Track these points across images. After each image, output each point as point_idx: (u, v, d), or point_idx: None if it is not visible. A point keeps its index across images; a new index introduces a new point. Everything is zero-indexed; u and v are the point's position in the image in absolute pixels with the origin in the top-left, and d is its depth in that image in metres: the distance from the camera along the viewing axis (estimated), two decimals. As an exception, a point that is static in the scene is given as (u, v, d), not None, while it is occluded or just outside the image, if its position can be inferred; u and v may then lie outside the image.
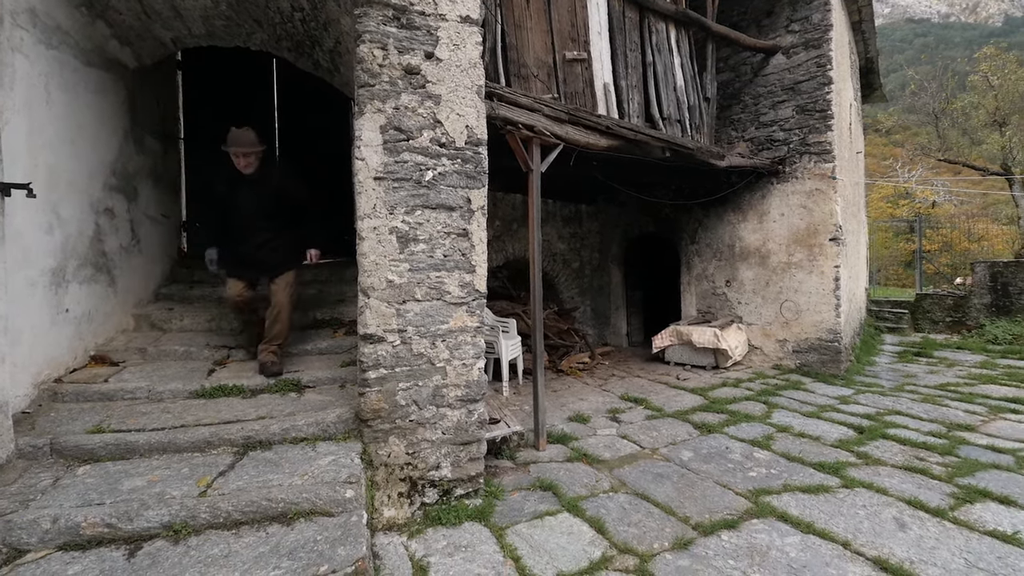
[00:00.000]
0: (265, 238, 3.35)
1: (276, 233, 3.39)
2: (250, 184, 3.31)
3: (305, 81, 5.68)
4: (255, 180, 3.32)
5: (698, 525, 2.67)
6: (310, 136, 6.48)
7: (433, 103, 2.90)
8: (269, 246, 3.35)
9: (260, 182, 3.33)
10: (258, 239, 3.33)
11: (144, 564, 1.87)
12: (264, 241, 3.34)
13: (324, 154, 6.09)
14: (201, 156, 5.98)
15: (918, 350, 7.59)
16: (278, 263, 3.39)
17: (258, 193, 3.31)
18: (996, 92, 14.52)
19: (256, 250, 3.34)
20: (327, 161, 6.16)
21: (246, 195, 3.30)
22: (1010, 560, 2.31)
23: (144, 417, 2.76)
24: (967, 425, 4.19)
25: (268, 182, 3.36)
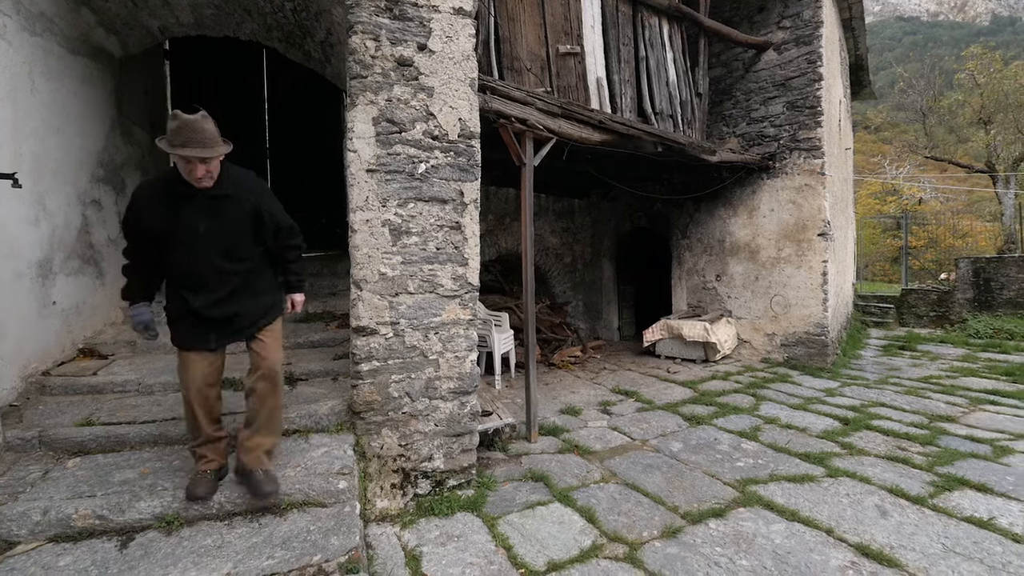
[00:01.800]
0: (236, 284, 2.14)
1: (253, 275, 2.20)
2: (208, 205, 2.04)
3: (296, 73, 5.63)
4: (216, 198, 2.05)
5: (687, 514, 2.72)
6: (302, 128, 6.43)
7: (426, 95, 2.90)
8: (246, 292, 2.18)
9: (224, 201, 2.07)
10: (226, 285, 2.11)
11: (137, 555, 1.88)
12: (236, 288, 2.14)
13: (315, 146, 6.05)
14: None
15: (902, 344, 7.74)
16: (262, 313, 2.22)
17: (222, 218, 2.07)
18: (982, 91, 14.74)
19: (225, 302, 2.11)
20: (319, 153, 6.12)
21: (201, 221, 2.04)
22: (985, 544, 2.39)
23: (135, 410, 2.74)
24: (948, 416, 4.30)
25: (238, 202, 2.11)
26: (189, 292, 2.08)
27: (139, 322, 2.13)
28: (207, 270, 2.08)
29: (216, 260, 2.08)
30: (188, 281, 2.09)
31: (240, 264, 2.16)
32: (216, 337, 2.13)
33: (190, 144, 1.90)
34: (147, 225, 2.02)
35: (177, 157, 1.92)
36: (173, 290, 2.11)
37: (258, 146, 6.63)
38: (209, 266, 2.08)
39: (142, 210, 2.03)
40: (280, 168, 6.58)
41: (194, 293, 2.08)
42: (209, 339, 2.12)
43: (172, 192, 2.01)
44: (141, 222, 2.04)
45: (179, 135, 1.89)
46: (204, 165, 1.96)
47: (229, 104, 6.44)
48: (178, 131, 1.89)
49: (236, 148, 2.09)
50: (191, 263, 2.07)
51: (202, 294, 2.08)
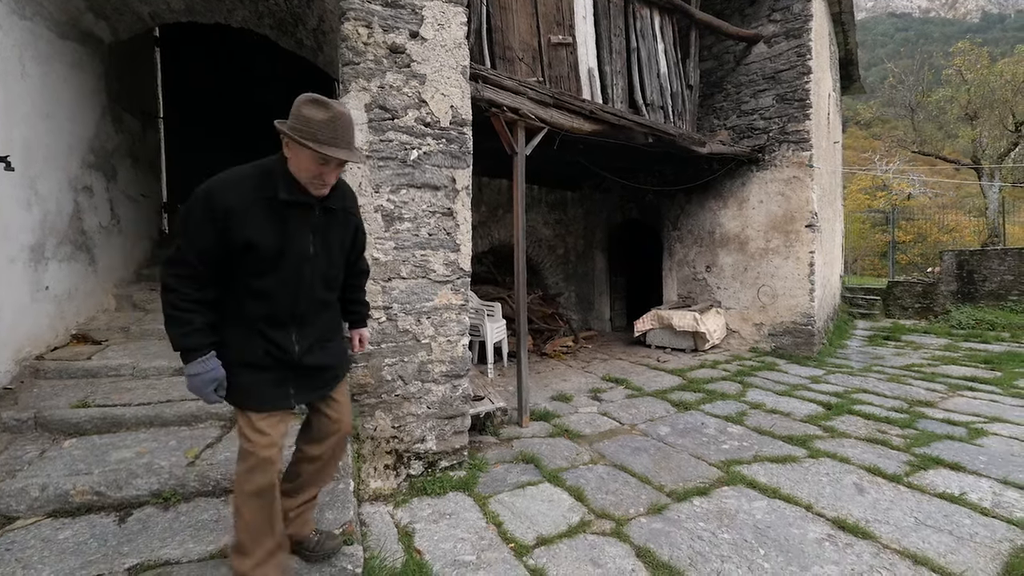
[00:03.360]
0: (325, 321, 1.70)
1: (336, 311, 1.81)
2: (321, 219, 1.61)
3: (289, 61, 5.61)
4: (328, 211, 1.63)
5: (672, 492, 2.81)
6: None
7: (418, 82, 2.93)
8: (334, 333, 1.76)
9: (333, 216, 1.65)
10: (321, 324, 1.68)
11: (135, 528, 1.92)
12: (324, 326, 1.70)
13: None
14: (181, 135, 5.89)
15: (887, 334, 7.91)
16: (341, 361, 1.79)
17: (330, 237, 1.65)
18: (969, 87, 14.93)
19: (317, 346, 1.66)
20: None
21: (312, 240, 1.59)
22: (955, 518, 2.50)
23: (129, 393, 2.77)
24: (927, 401, 4.43)
25: (344, 216, 1.70)
26: (279, 332, 1.55)
27: (212, 379, 1.45)
28: (308, 303, 1.61)
29: (319, 290, 1.64)
30: (281, 317, 1.55)
31: (333, 295, 1.74)
32: (295, 392, 1.61)
33: (338, 143, 1.47)
34: (244, 239, 1.45)
35: (307, 156, 1.46)
36: (251, 329, 1.52)
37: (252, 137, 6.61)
38: (312, 298, 1.61)
39: (237, 218, 1.44)
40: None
41: (286, 333, 1.56)
42: (290, 395, 1.59)
43: (276, 199, 1.49)
44: (232, 234, 1.43)
45: (328, 129, 1.44)
46: (337, 170, 1.55)
47: (221, 93, 6.41)
48: (329, 124, 1.44)
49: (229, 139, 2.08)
50: (292, 293, 1.56)
51: (297, 335, 1.59)
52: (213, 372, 1.46)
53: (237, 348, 1.53)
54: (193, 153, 6.12)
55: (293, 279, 1.56)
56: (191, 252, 1.44)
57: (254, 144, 6.56)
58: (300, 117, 1.44)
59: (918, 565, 2.14)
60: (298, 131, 1.44)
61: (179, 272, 1.44)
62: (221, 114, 6.40)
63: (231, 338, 1.53)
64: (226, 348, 1.51)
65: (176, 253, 1.46)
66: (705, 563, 2.17)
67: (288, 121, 1.47)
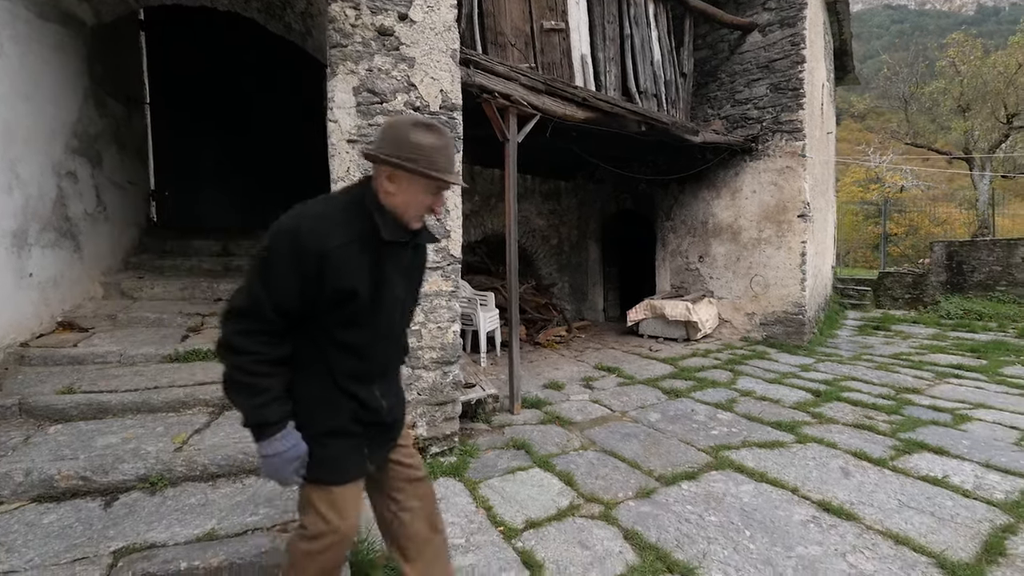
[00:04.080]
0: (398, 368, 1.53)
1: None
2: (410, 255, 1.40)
3: (277, 46, 5.51)
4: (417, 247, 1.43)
5: (661, 477, 2.83)
6: (287, 105, 6.31)
7: (407, 66, 2.88)
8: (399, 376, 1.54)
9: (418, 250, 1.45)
10: (395, 373, 1.50)
11: (121, 513, 1.91)
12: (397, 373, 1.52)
13: (303, 122, 5.94)
14: (169, 122, 5.80)
15: (877, 324, 7.98)
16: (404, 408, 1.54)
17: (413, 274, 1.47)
18: (962, 78, 14.97)
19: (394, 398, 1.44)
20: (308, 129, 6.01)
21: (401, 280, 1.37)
22: (937, 500, 2.54)
23: (116, 380, 2.75)
24: (914, 388, 4.48)
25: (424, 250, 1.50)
26: (366, 389, 1.32)
27: (295, 458, 1.21)
28: (394, 351, 1.43)
29: (403, 336, 1.47)
30: (369, 371, 1.33)
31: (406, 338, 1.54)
32: (369, 452, 1.37)
33: (452, 168, 1.29)
34: (341, 288, 1.21)
35: (422, 187, 1.26)
36: (334, 388, 1.28)
37: (242, 122, 6.52)
38: (397, 345, 1.44)
39: (334, 263, 1.19)
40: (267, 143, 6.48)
41: (371, 390, 1.34)
42: (365, 456, 1.35)
43: (375, 239, 1.26)
44: (326, 282, 1.20)
45: (444, 155, 1.26)
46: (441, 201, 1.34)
47: (209, 79, 6.30)
48: (444, 150, 1.26)
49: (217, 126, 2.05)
50: (384, 344, 1.36)
51: (381, 390, 1.37)
52: (295, 449, 1.21)
53: (319, 413, 1.27)
54: (181, 140, 6.03)
55: (386, 327, 1.34)
56: (267, 304, 1.17)
57: (243, 131, 6.50)
58: (409, 144, 1.22)
59: (899, 545, 2.17)
60: (413, 160, 1.22)
61: (250, 328, 1.17)
62: (209, 101, 6.30)
63: (309, 401, 1.26)
64: (303, 414, 1.25)
65: (246, 304, 1.17)
66: (692, 544, 2.19)
67: (385, 148, 1.24)
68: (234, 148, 6.48)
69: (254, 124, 6.48)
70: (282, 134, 6.35)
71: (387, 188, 1.26)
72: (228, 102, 6.41)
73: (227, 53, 6.24)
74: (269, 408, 1.18)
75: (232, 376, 1.18)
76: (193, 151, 6.20)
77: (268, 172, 6.48)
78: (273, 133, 6.41)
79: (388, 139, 1.24)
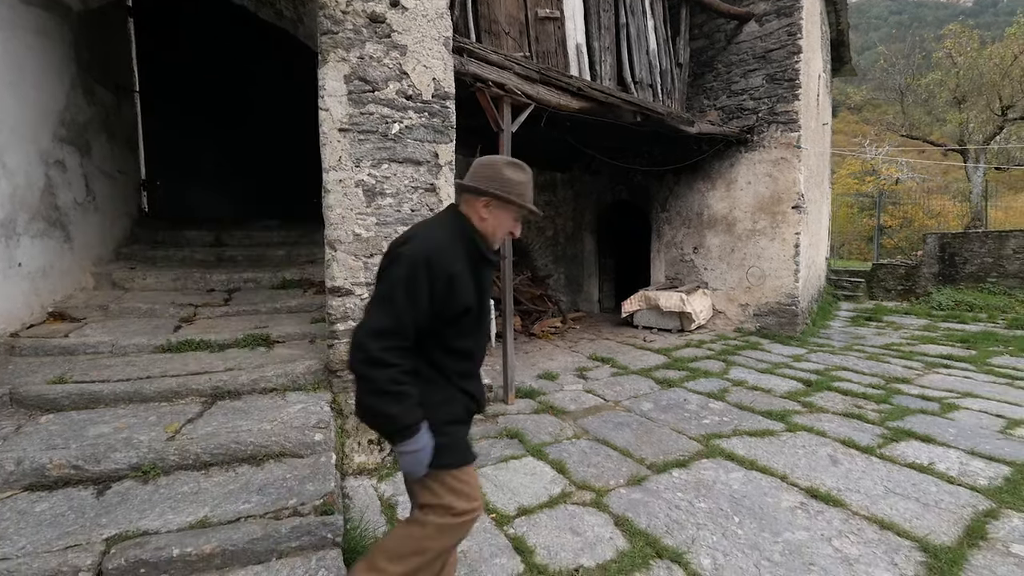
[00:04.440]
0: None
1: None
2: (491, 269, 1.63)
3: (268, 33, 5.44)
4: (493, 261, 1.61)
5: (652, 465, 2.86)
6: (280, 93, 6.24)
7: (399, 53, 2.85)
8: None
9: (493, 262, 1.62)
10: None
11: (114, 501, 1.92)
12: None
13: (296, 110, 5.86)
14: (159, 111, 5.72)
15: (869, 315, 8.05)
16: None
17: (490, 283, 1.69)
18: (958, 70, 14.94)
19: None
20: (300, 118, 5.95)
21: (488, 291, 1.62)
22: (922, 486, 2.59)
23: (108, 370, 2.74)
24: (903, 378, 4.54)
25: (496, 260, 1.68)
26: (472, 383, 1.56)
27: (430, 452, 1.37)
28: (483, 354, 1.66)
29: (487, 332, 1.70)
30: (474, 370, 1.58)
31: None
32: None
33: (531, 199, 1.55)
34: (463, 304, 1.41)
35: (512, 215, 1.51)
36: (449, 385, 1.48)
37: (234, 111, 6.44)
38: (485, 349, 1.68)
39: (459, 283, 1.39)
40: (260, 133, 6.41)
41: (477, 384, 1.58)
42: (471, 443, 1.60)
43: (473, 257, 1.48)
44: (453, 300, 1.39)
45: (529, 189, 1.52)
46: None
47: (200, 68, 6.21)
48: (529, 184, 1.52)
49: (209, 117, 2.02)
50: (482, 346, 1.62)
51: (478, 383, 1.60)
52: (430, 444, 1.37)
53: (440, 410, 1.43)
54: (172, 129, 5.96)
55: (485, 333, 1.61)
56: (408, 322, 1.33)
57: (236, 121, 6.42)
58: (505, 179, 1.46)
59: (884, 530, 2.21)
60: (508, 192, 1.46)
61: (393, 344, 1.31)
62: (200, 91, 6.21)
63: (431, 400, 1.42)
64: (428, 413, 1.39)
65: (390, 324, 1.32)
66: (681, 530, 2.22)
67: (483, 183, 1.46)
68: (226, 138, 6.41)
69: (247, 114, 6.41)
70: (275, 124, 6.29)
71: (483, 215, 1.48)
72: (220, 92, 6.33)
73: (218, 41, 6.15)
74: (413, 412, 1.33)
75: (381, 388, 1.30)
76: (185, 141, 6.13)
77: (261, 162, 6.42)
78: (266, 123, 6.35)
79: (485, 175, 1.47)
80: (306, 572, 1.68)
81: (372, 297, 1.39)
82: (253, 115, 6.40)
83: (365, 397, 1.34)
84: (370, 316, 1.34)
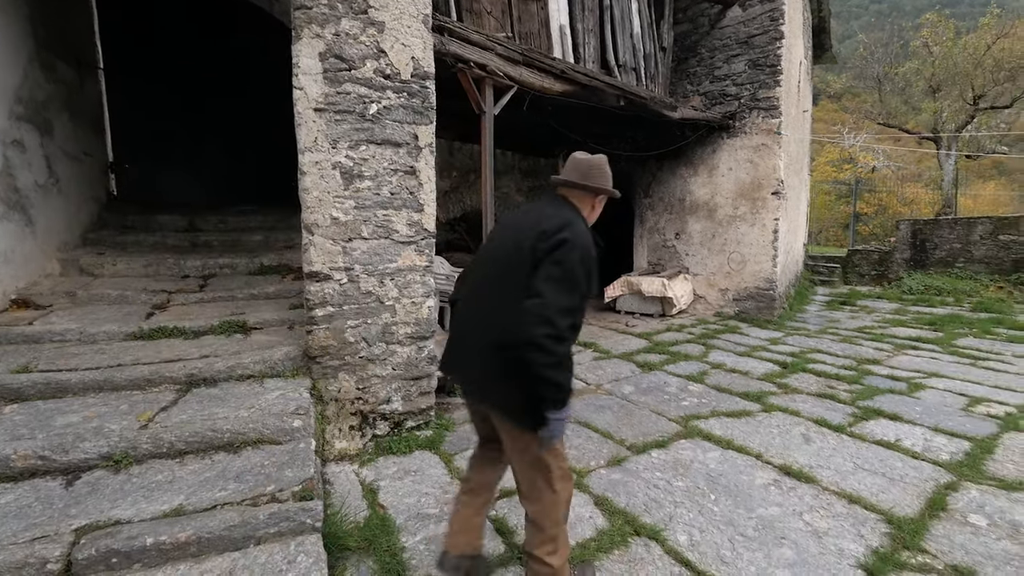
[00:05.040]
0: None
1: None
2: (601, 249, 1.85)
3: (241, 13, 5.23)
4: None
5: (632, 446, 2.91)
6: (257, 72, 6.01)
7: (376, 30, 2.77)
8: None
9: None
10: None
11: (83, 492, 1.87)
12: None
13: (267, 88, 5.67)
14: (127, 91, 5.47)
15: (844, 299, 8.27)
16: None
17: None
18: (934, 59, 15.21)
19: None
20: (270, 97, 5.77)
21: None
22: (889, 462, 2.69)
23: (76, 358, 2.65)
24: (874, 360, 4.69)
25: None
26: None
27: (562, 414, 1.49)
28: None
29: None
30: None
31: None
32: None
33: None
34: (595, 284, 1.61)
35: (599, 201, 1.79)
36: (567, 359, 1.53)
37: (208, 91, 6.20)
38: None
39: (596, 265, 1.58)
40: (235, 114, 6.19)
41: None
42: None
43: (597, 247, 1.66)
44: (591, 280, 1.56)
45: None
46: None
47: (171, 47, 5.95)
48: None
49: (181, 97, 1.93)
50: None
51: None
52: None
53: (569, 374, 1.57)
54: (142, 110, 5.72)
55: None
56: (581, 300, 1.51)
57: (209, 102, 6.18)
58: (606, 174, 1.75)
59: (852, 504, 2.30)
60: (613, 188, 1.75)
61: (574, 322, 1.48)
62: (171, 69, 5.96)
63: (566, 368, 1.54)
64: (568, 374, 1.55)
65: (573, 302, 1.46)
66: (659, 509, 2.28)
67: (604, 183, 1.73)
68: (199, 119, 6.18)
69: (221, 94, 6.18)
70: (251, 104, 6.08)
71: (595, 207, 1.77)
72: (192, 70, 6.08)
73: (190, 17, 5.89)
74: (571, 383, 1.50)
75: (560, 361, 1.43)
76: (154, 122, 5.89)
77: (236, 144, 6.22)
78: (241, 103, 6.13)
79: (602, 174, 1.74)
80: (285, 557, 1.67)
81: (546, 277, 1.46)
82: (228, 95, 6.18)
83: (543, 369, 1.40)
84: (553, 294, 1.43)
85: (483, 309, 1.65)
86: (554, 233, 1.51)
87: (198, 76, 6.10)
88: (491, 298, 1.62)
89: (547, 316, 1.40)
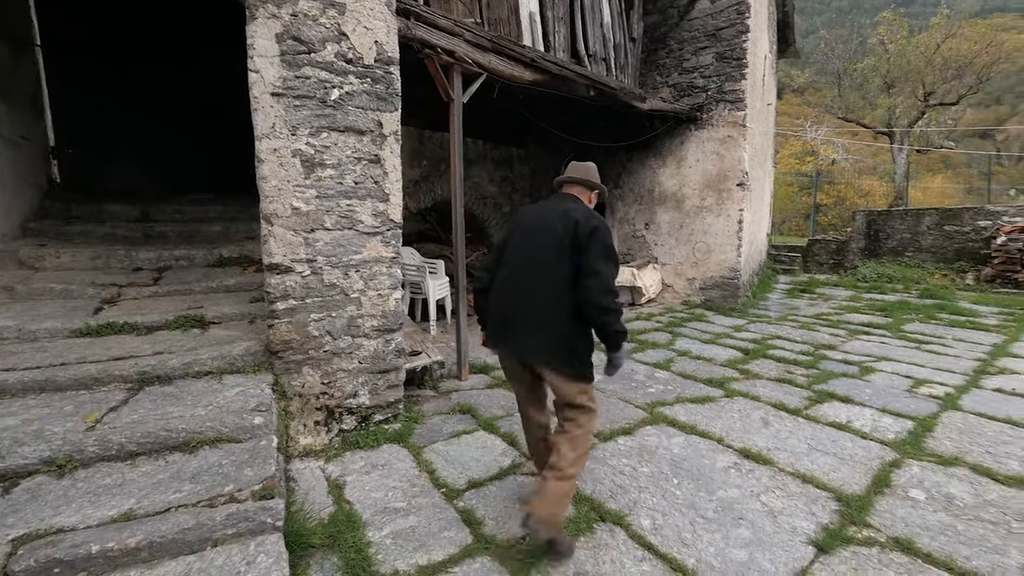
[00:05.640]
0: None
1: None
2: None
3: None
4: None
5: (599, 434, 2.96)
6: (206, 49, 5.70)
7: (337, 12, 2.66)
8: None
9: None
10: None
11: (22, 499, 1.76)
12: None
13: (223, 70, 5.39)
14: (71, 71, 5.11)
15: (803, 287, 8.62)
16: None
17: None
18: (889, 56, 15.86)
19: None
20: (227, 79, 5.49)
21: None
22: (840, 442, 2.83)
23: (14, 357, 2.48)
24: (830, 345, 4.92)
25: None
26: None
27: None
28: None
29: None
30: None
31: None
32: None
33: None
34: None
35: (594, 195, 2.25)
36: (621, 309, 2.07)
37: (158, 73, 5.85)
38: None
39: None
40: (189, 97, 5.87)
41: None
42: None
43: None
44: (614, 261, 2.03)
45: None
46: None
47: (115, 24, 5.57)
48: None
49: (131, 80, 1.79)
50: None
51: None
52: None
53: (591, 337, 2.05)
54: (85, 92, 5.35)
55: None
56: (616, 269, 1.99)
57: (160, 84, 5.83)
58: (598, 175, 2.26)
59: (806, 483, 2.41)
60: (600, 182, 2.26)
61: (619, 295, 1.98)
62: (117, 47, 5.58)
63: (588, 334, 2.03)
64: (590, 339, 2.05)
65: (615, 272, 1.95)
66: (624, 494, 2.33)
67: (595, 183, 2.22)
68: (149, 102, 5.83)
69: (174, 75, 5.84)
70: (207, 86, 5.77)
71: (592, 202, 2.19)
72: (140, 50, 5.71)
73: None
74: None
75: (622, 328, 1.93)
76: (100, 104, 5.53)
77: (191, 129, 5.91)
78: (196, 85, 5.82)
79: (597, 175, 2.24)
80: (244, 558, 1.63)
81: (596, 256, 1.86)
82: (182, 77, 5.85)
83: (616, 324, 1.90)
84: (606, 269, 1.87)
85: (531, 290, 1.96)
86: (586, 222, 1.91)
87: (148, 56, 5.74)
88: (537, 281, 1.95)
89: (608, 286, 1.87)
